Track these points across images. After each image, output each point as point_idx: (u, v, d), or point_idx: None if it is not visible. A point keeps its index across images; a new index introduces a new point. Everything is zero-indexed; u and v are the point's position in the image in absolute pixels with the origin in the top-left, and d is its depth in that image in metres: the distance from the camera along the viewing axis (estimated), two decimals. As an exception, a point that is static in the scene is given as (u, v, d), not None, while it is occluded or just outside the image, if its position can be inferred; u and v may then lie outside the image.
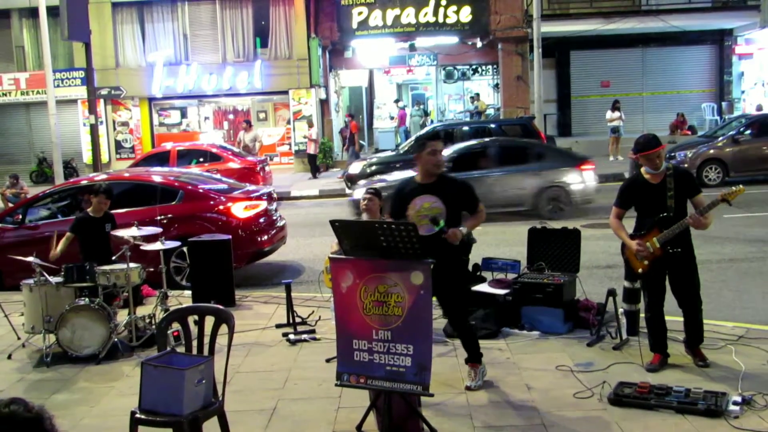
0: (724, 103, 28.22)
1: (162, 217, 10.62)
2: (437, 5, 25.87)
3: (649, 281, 6.62)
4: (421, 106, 29.10)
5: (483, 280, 8.50)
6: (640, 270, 6.58)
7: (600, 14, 25.85)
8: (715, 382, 6.19)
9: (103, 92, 24.12)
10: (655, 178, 6.43)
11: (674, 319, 6.83)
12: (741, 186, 6.35)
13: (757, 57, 28.34)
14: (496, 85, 28.62)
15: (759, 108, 24.85)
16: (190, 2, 26.62)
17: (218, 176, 13.96)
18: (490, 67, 28.79)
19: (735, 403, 5.65)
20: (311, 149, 24.01)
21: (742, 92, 28.75)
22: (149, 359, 4.93)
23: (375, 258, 5.16)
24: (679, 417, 5.58)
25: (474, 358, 6.41)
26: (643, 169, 6.53)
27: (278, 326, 8.39)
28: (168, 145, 20.75)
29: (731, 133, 19.19)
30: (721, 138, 19.03)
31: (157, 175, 12.16)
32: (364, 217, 7.94)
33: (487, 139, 17.26)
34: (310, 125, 24.61)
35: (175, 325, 6.68)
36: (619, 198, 6.68)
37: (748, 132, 18.97)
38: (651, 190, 6.44)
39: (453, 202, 6.05)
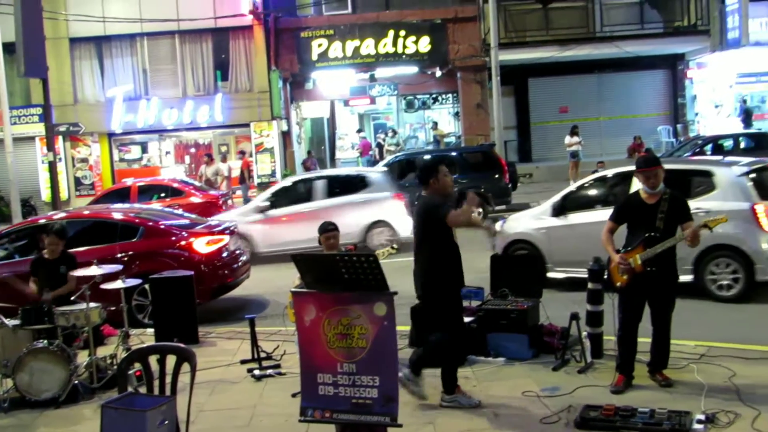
0: (679, 126, 28.75)
1: (123, 254, 10.49)
2: (396, 36, 26.10)
3: (626, 298, 6.74)
4: (396, 135, 29.11)
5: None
6: (618, 284, 6.72)
7: (556, 41, 26.24)
8: (679, 401, 6.25)
9: (62, 129, 23.89)
10: (651, 198, 6.63)
11: (641, 340, 6.87)
12: (724, 215, 6.53)
13: (709, 80, 28.97)
14: (457, 113, 28.87)
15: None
16: (149, 37, 26.51)
17: (180, 211, 13.85)
18: (450, 95, 29.04)
19: (699, 422, 5.72)
20: (223, 187, 22.26)
21: (696, 114, 29.33)
22: (109, 401, 4.86)
23: (337, 291, 5.15)
24: (645, 439, 5.61)
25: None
26: (641, 188, 6.76)
27: (243, 362, 8.31)
28: (128, 181, 20.56)
29: (687, 154, 19.60)
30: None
31: (117, 211, 12.04)
32: None
33: None
34: (223, 160, 23.96)
35: (138, 365, 6.60)
36: (615, 213, 6.94)
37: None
38: (644, 210, 6.63)
39: None
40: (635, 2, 28.01)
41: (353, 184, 15.82)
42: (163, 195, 19.14)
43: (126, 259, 10.37)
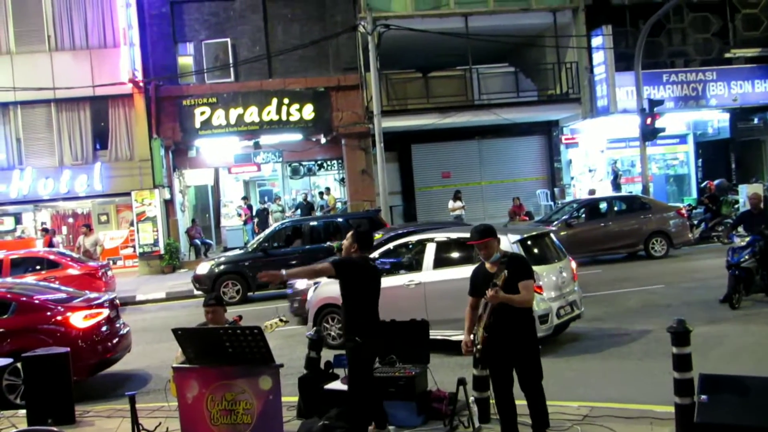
0: (556, 189, 29.90)
1: (-8, 332, 9.93)
2: (280, 104, 26.24)
3: (490, 367, 6.76)
4: (281, 201, 29.00)
5: (336, 377, 8.41)
6: (477, 355, 6.71)
7: (436, 109, 27.01)
8: (564, 463, 6.34)
9: (-75, 200, 22.64)
10: (492, 267, 6.53)
11: (523, 402, 6.95)
12: (504, 272, 6.30)
13: (582, 145, 30.38)
14: (342, 180, 29.09)
15: (592, 192, 26.55)
16: (23, 105, 25.70)
17: (56, 285, 13.30)
18: (335, 161, 29.27)
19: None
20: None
21: (572, 178, 30.60)
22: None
23: (221, 365, 5.03)
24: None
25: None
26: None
27: (123, 442, 7.94)
28: (0, 254, 19.58)
29: (564, 217, 20.42)
30: (555, 222, 20.10)
31: (-13, 287, 11.43)
32: None
33: None
34: (54, 234, 22.04)
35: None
36: (469, 287, 6.81)
37: (580, 216, 20.40)
38: (487, 279, 6.50)
39: None
40: (510, 72, 29.28)
41: None
42: (38, 268, 18.35)
43: (-4, 337, 9.82)
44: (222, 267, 18.66)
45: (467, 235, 11.76)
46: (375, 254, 12.07)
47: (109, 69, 25.34)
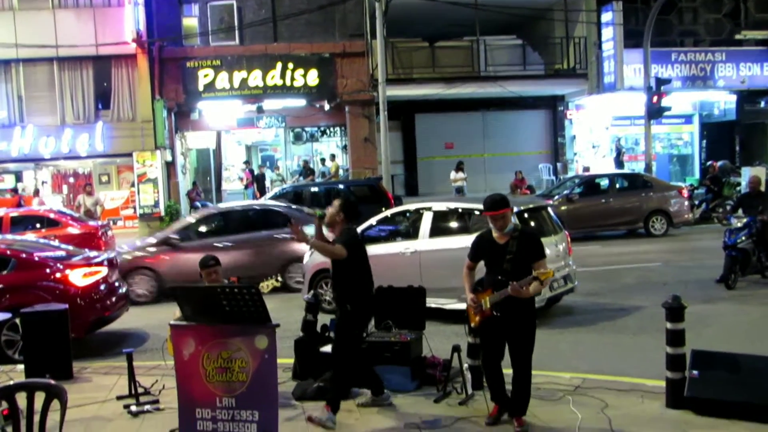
0: (558, 164, 29.86)
1: (-8, 287, 9.98)
2: (284, 69, 26.10)
3: (482, 338, 6.73)
4: (280, 170, 28.98)
5: (332, 340, 8.46)
6: (473, 324, 6.69)
7: (442, 79, 26.90)
8: (554, 432, 6.41)
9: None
10: (502, 238, 6.41)
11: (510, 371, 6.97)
12: (551, 270, 6.26)
13: (587, 121, 30.28)
14: (345, 147, 29.04)
15: (586, 170, 26.55)
16: (26, 63, 25.56)
17: (56, 243, 13.33)
18: (338, 128, 29.19)
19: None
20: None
21: (575, 154, 30.55)
22: (-29, 441, 4.59)
23: (217, 323, 5.07)
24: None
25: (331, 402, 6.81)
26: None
27: (119, 398, 8.01)
28: (0, 211, 19.61)
29: (565, 192, 20.42)
30: (556, 197, 20.11)
31: (-14, 242, 11.46)
32: None
33: None
34: (36, 194, 22.53)
35: (5, 403, 6.26)
36: (470, 251, 6.74)
37: (579, 191, 20.40)
38: (495, 249, 6.43)
39: None
40: (518, 44, 29.10)
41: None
42: (38, 226, 18.36)
43: (-5, 292, 9.87)
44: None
45: (465, 205, 11.85)
46: (372, 221, 12.14)
47: (112, 28, 25.21)
